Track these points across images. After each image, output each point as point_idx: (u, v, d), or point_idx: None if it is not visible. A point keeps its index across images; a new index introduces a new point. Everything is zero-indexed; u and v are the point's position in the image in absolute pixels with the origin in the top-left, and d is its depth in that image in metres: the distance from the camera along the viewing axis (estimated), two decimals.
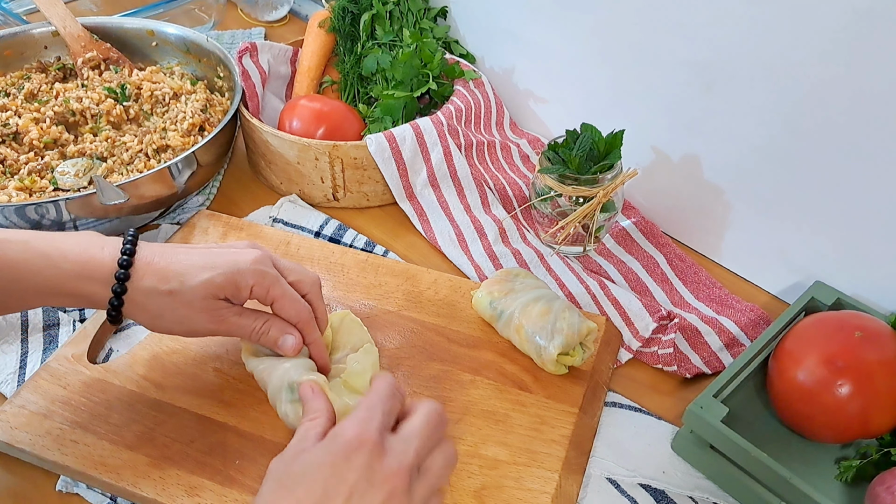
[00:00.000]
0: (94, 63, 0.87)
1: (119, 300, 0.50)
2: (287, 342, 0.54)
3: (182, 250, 0.53)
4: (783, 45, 0.60)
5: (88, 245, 0.51)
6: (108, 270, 0.50)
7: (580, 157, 0.68)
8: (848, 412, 0.53)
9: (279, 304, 0.54)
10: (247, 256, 0.53)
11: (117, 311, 0.51)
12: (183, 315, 0.51)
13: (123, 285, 0.50)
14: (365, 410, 0.45)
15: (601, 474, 0.56)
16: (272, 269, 0.54)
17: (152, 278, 0.50)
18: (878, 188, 0.59)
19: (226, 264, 0.52)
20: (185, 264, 0.51)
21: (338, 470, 0.42)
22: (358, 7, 0.91)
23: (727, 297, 0.71)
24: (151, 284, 0.50)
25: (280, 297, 0.53)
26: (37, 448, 0.54)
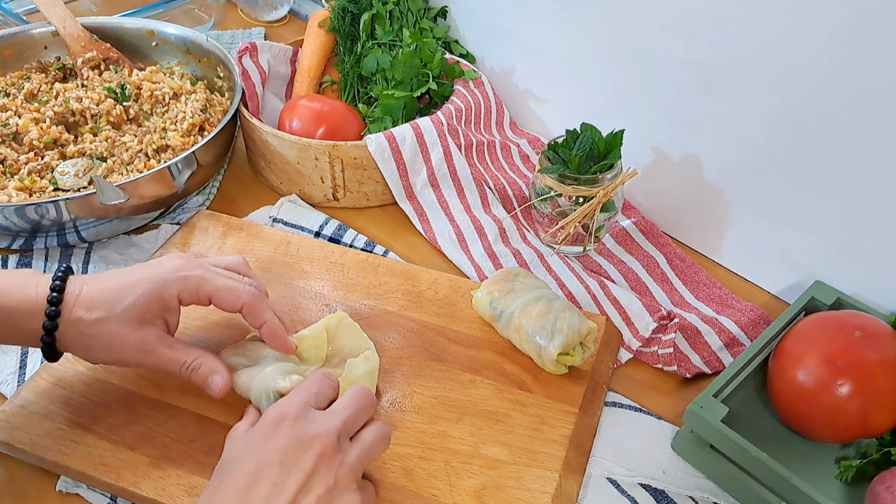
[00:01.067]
0: (94, 63, 0.87)
1: (51, 337, 0.50)
2: (214, 383, 0.53)
3: (109, 276, 0.52)
4: (783, 45, 0.60)
5: (24, 283, 0.50)
6: (41, 306, 0.50)
7: (580, 157, 0.68)
8: (848, 412, 0.53)
9: (216, 298, 0.53)
10: (165, 267, 0.53)
11: (50, 348, 0.51)
12: (111, 343, 0.51)
13: (54, 322, 0.50)
14: (291, 395, 0.49)
15: (601, 474, 0.56)
16: (195, 271, 0.53)
17: (80, 310, 0.50)
18: (878, 188, 0.59)
19: (147, 281, 0.51)
20: (108, 290, 0.51)
21: (267, 444, 0.45)
22: (358, 7, 0.91)
23: (727, 297, 0.71)
24: (78, 316, 0.50)
25: (213, 292, 0.53)
26: (37, 448, 0.54)
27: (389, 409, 0.58)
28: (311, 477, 0.44)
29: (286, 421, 0.46)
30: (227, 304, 0.54)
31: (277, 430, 0.45)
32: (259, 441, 0.45)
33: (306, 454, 0.44)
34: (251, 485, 0.43)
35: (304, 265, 0.70)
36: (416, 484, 0.53)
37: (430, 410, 0.57)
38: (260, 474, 0.43)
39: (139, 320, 0.51)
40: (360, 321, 0.64)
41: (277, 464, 0.43)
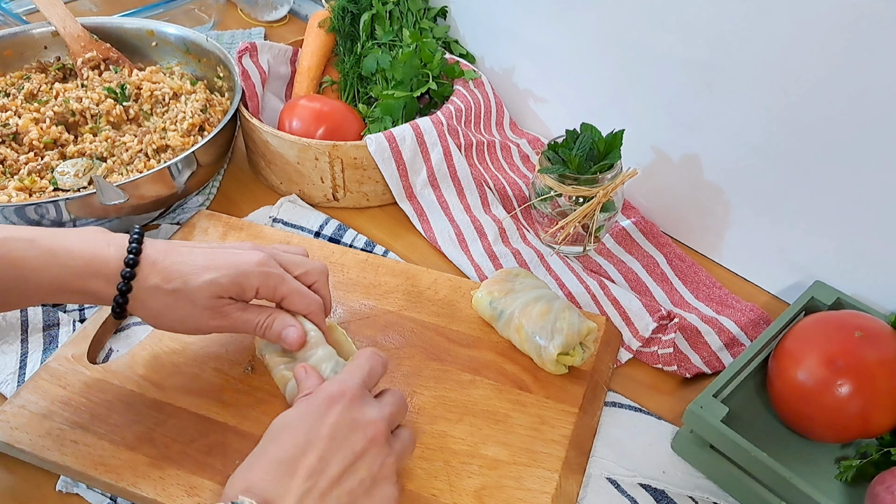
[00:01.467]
0: (94, 63, 0.87)
1: (124, 298, 0.51)
2: (290, 335, 0.54)
3: (185, 249, 0.53)
4: (783, 45, 0.60)
5: (94, 243, 0.51)
6: (113, 268, 0.50)
7: (580, 157, 0.68)
8: (848, 412, 0.53)
9: (288, 300, 0.54)
10: (251, 258, 0.53)
11: (122, 309, 0.51)
12: (185, 313, 0.52)
13: (129, 284, 0.50)
14: (346, 372, 0.49)
15: (601, 474, 0.56)
16: (277, 269, 0.54)
17: (156, 277, 0.51)
18: (878, 188, 0.59)
19: (230, 266, 0.52)
20: (189, 265, 0.51)
21: (320, 416, 0.45)
22: (358, 7, 0.91)
23: (727, 297, 0.71)
24: (155, 283, 0.51)
25: (289, 293, 0.54)
26: (37, 448, 0.54)
27: None
28: (358, 458, 0.44)
29: (344, 399, 0.46)
30: (297, 307, 0.55)
31: (333, 406, 0.45)
32: (313, 413, 0.45)
33: (357, 435, 0.45)
34: (299, 454, 0.43)
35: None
36: (416, 484, 0.53)
37: (430, 410, 0.57)
38: (309, 445, 0.44)
39: (215, 298, 0.52)
40: (360, 321, 0.64)
41: (328, 439, 0.44)
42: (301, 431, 0.44)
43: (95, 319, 0.64)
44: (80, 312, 0.68)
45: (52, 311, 0.66)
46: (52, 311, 0.66)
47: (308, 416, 0.45)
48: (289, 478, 0.42)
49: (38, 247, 0.49)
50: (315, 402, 0.46)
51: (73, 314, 0.67)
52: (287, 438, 0.44)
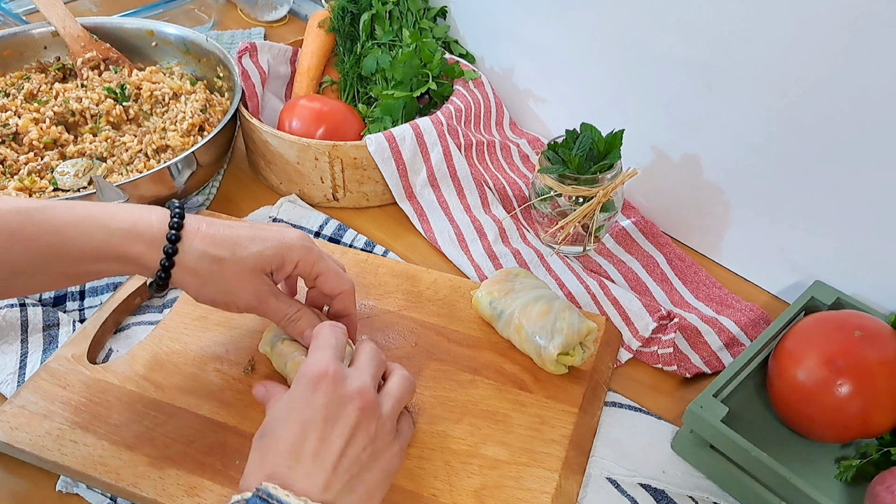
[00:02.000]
0: (94, 63, 0.87)
1: (170, 262, 0.50)
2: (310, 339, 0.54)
3: (227, 224, 0.53)
4: (783, 45, 0.60)
5: (135, 209, 0.51)
6: (157, 231, 0.50)
7: (580, 157, 0.68)
8: (848, 412, 0.53)
9: (323, 277, 0.55)
10: (293, 234, 0.54)
11: (167, 274, 0.51)
12: (228, 286, 0.52)
13: (175, 247, 0.50)
14: (316, 351, 0.50)
15: (601, 474, 0.56)
16: (317, 247, 0.55)
17: (203, 242, 0.51)
18: (878, 188, 0.59)
19: (274, 238, 0.53)
20: (235, 235, 0.52)
21: (309, 402, 0.46)
22: (357, 7, 0.91)
23: (727, 297, 0.71)
24: (202, 248, 0.51)
25: (325, 271, 0.55)
26: (37, 448, 0.54)
27: None
28: (355, 429, 0.46)
29: (326, 379, 0.47)
30: (331, 286, 0.56)
31: (318, 388, 0.47)
32: (301, 400, 0.47)
33: (348, 408, 0.46)
34: (300, 442, 0.45)
35: None
36: (416, 484, 0.53)
37: (430, 410, 0.57)
38: (307, 431, 0.45)
39: (259, 270, 0.52)
40: (360, 321, 0.64)
41: (322, 420, 0.45)
42: (296, 420, 0.46)
43: (95, 319, 0.64)
44: (79, 313, 0.68)
45: (52, 311, 0.66)
46: (52, 311, 0.66)
47: (297, 403, 0.47)
48: (297, 463, 0.44)
49: (78, 212, 0.49)
50: (298, 388, 0.47)
51: (72, 314, 0.67)
52: (285, 430, 0.45)
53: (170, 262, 0.50)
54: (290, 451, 0.44)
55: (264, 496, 0.41)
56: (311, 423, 0.45)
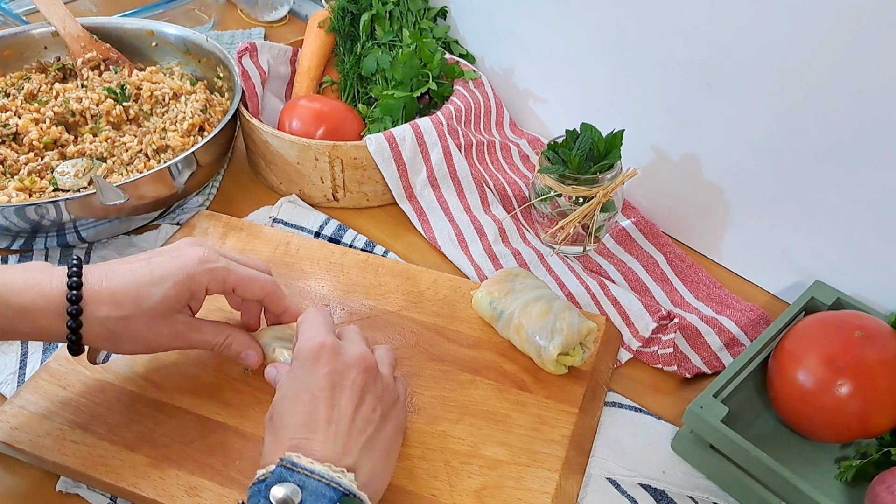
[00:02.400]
0: (94, 63, 0.87)
1: (76, 334, 0.50)
2: (249, 358, 0.56)
3: (125, 268, 0.52)
4: (784, 46, 0.60)
5: (36, 279, 0.49)
6: (59, 304, 0.49)
7: (580, 157, 0.68)
8: (848, 412, 0.53)
9: (240, 288, 0.54)
10: (191, 258, 0.52)
11: (77, 345, 0.51)
12: (142, 336, 0.52)
13: (78, 320, 0.49)
14: (306, 328, 0.51)
15: (601, 474, 0.56)
16: (219, 262, 0.53)
17: (105, 307, 0.50)
18: (878, 188, 0.59)
19: (174, 274, 0.51)
20: (133, 284, 0.50)
21: (312, 375, 0.47)
22: (358, 7, 0.91)
23: (727, 297, 0.71)
24: (105, 314, 0.50)
25: (238, 282, 0.54)
26: (37, 448, 0.54)
27: None
28: (362, 392, 0.48)
29: (325, 350, 0.48)
30: (251, 293, 0.55)
31: (318, 360, 0.48)
32: (304, 375, 0.48)
33: (352, 373, 0.48)
34: (312, 413, 0.46)
35: (303, 265, 0.70)
36: (416, 484, 0.53)
37: (430, 411, 0.57)
38: (316, 402, 0.46)
39: (170, 311, 0.52)
40: (359, 321, 0.64)
41: (329, 389, 0.47)
42: (304, 393, 0.47)
43: None
44: None
45: None
46: None
47: (301, 377, 0.48)
48: (313, 433, 0.45)
49: None
50: (299, 363, 0.48)
51: None
52: (295, 404, 0.46)
53: (76, 334, 0.50)
54: (303, 423, 0.45)
55: (288, 465, 0.42)
56: (320, 394, 0.46)
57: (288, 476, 0.42)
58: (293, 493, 0.41)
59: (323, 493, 0.42)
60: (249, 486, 0.43)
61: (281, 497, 0.41)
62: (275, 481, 0.42)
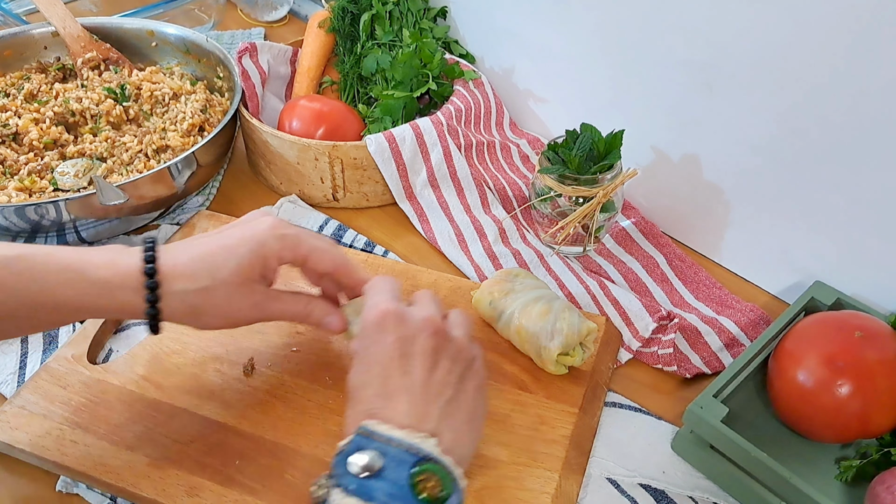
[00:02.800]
0: (94, 63, 0.87)
1: (154, 308, 0.49)
2: (332, 322, 0.54)
3: (199, 241, 0.51)
4: (784, 46, 0.60)
5: (113, 256, 0.49)
6: (136, 279, 0.48)
7: (580, 157, 0.68)
8: (848, 412, 0.53)
9: (312, 258, 0.53)
10: (263, 226, 0.52)
11: (156, 320, 0.50)
12: (223, 309, 0.50)
13: (155, 293, 0.48)
14: (372, 296, 0.50)
15: (601, 474, 0.56)
16: (291, 229, 0.53)
17: (182, 280, 0.49)
18: (878, 188, 0.59)
19: (246, 241, 0.50)
20: (209, 255, 0.50)
21: (380, 344, 0.47)
22: (358, 7, 0.91)
23: (727, 297, 0.71)
24: (183, 287, 0.49)
25: (310, 251, 0.53)
26: (36, 448, 0.54)
27: None
28: (434, 355, 0.46)
29: (389, 317, 0.47)
30: (323, 263, 0.53)
31: (384, 328, 0.47)
32: (372, 343, 0.47)
33: (420, 338, 0.47)
34: (384, 382, 0.45)
35: None
36: None
37: None
38: (387, 371, 0.45)
39: (246, 281, 0.50)
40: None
41: (399, 357, 0.46)
42: (374, 364, 0.46)
43: (95, 320, 0.64)
44: None
45: None
46: None
47: (369, 348, 0.47)
48: (388, 401, 0.44)
49: (57, 261, 0.47)
50: (367, 335, 0.48)
51: None
52: (367, 376, 0.46)
53: (155, 309, 0.49)
54: (377, 393, 0.44)
55: (366, 433, 0.42)
56: (390, 363, 0.45)
57: (367, 444, 0.41)
58: (373, 461, 0.40)
59: (404, 459, 0.41)
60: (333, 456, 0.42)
61: (361, 465, 0.40)
62: (354, 450, 0.41)
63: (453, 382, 0.46)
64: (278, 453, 0.54)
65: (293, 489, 0.52)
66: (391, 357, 0.46)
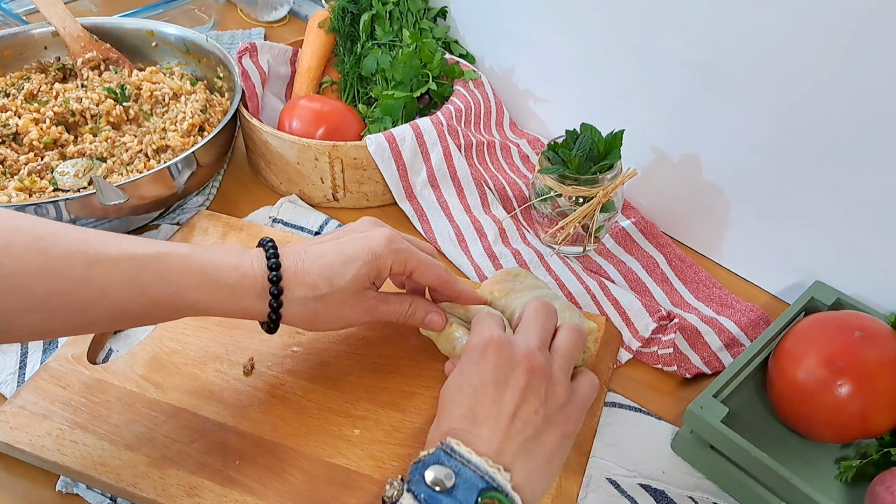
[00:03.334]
0: (94, 63, 0.87)
1: (277, 314, 0.51)
2: (434, 320, 0.57)
3: (317, 248, 0.53)
4: (784, 46, 0.60)
5: (239, 261, 0.51)
6: (261, 285, 0.50)
7: (580, 157, 0.68)
8: (848, 412, 0.53)
9: (418, 272, 0.55)
10: (379, 239, 0.53)
11: (276, 324, 0.52)
12: (337, 314, 0.53)
13: (279, 299, 0.51)
14: (478, 325, 0.52)
15: (601, 474, 0.56)
16: (404, 244, 0.55)
17: (302, 288, 0.51)
18: (878, 188, 0.59)
19: (364, 254, 0.52)
20: (327, 266, 0.52)
21: (478, 369, 0.48)
22: (358, 7, 0.91)
23: (727, 297, 0.71)
24: (303, 294, 0.51)
25: (417, 266, 0.55)
26: (36, 448, 0.54)
27: (388, 409, 0.58)
28: (525, 391, 0.47)
29: (492, 344, 0.48)
30: (427, 278, 0.55)
31: (485, 354, 0.48)
32: (470, 368, 0.48)
33: (516, 371, 0.47)
34: (473, 406, 0.46)
35: None
36: None
37: (431, 411, 0.57)
38: (479, 396, 0.46)
39: (360, 290, 0.53)
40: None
41: (492, 384, 0.47)
42: (468, 386, 0.47)
43: None
44: None
45: None
46: None
47: (467, 370, 0.48)
48: (473, 425, 0.45)
49: (192, 264, 0.49)
50: (468, 358, 0.49)
51: None
52: (458, 397, 0.47)
53: (277, 314, 0.51)
54: (464, 415, 0.46)
55: (448, 450, 0.43)
56: (483, 388, 0.47)
57: (445, 460, 0.43)
58: (446, 477, 0.42)
59: (476, 483, 0.42)
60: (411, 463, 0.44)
61: (433, 478, 0.42)
62: (432, 462, 0.43)
63: (537, 422, 0.46)
64: (278, 453, 0.54)
65: (293, 489, 0.52)
66: (485, 383, 0.47)
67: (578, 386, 0.51)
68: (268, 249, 0.52)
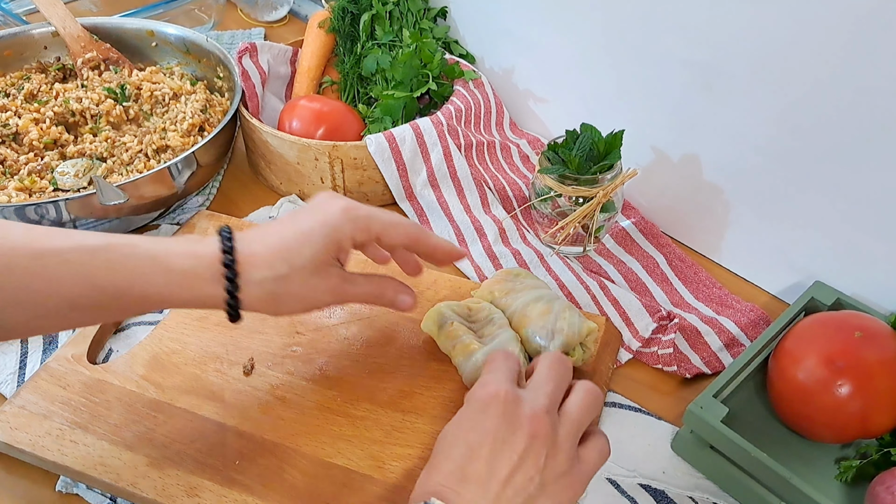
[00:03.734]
0: (94, 63, 0.87)
1: (234, 298, 0.49)
2: (404, 301, 0.55)
3: (273, 229, 0.51)
4: (784, 45, 0.60)
5: (192, 247, 0.49)
6: (215, 268, 0.48)
7: (580, 157, 0.68)
8: (848, 412, 0.53)
9: (385, 235, 0.52)
10: (335, 210, 0.51)
11: (236, 310, 0.49)
12: (300, 295, 0.50)
13: (235, 282, 0.48)
14: (488, 372, 0.49)
15: (601, 474, 0.56)
16: (362, 210, 0.52)
17: (260, 269, 0.49)
18: (878, 188, 0.59)
19: (321, 227, 0.50)
20: (285, 242, 0.50)
21: (476, 423, 0.45)
22: (358, 7, 0.91)
23: (727, 297, 0.71)
24: (261, 276, 0.49)
25: (383, 228, 0.52)
26: (36, 448, 0.54)
27: (388, 409, 0.58)
28: (523, 456, 0.44)
29: (497, 401, 0.46)
30: (397, 237, 0.53)
31: (487, 410, 0.46)
32: (470, 421, 0.46)
33: (517, 435, 0.45)
34: (466, 464, 0.44)
35: None
36: None
37: (430, 411, 0.57)
38: (474, 454, 0.44)
39: (322, 266, 0.50)
40: (359, 321, 0.64)
41: (490, 444, 0.44)
42: (463, 441, 0.45)
43: None
44: None
45: None
46: None
47: (466, 423, 0.46)
48: (462, 485, 0.43)
49: (141, 252, 0.47)
50: (469, 409, 0.47)
51: None
52: (452, 449, 0.45)
53: (235, 298, 0.49)
54: (454, 472, 0.44)
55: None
56: (479, 446, 0.44)
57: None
58: None
59: None
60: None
61: None
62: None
63: (531, 492, 0.44)
64: (278, 453, 0.54)
65: (293, 489, 0.52)
66: (482, 442, 0.44)
67: (585, 453, 0.47)
68: (223, 234, 0.50)
